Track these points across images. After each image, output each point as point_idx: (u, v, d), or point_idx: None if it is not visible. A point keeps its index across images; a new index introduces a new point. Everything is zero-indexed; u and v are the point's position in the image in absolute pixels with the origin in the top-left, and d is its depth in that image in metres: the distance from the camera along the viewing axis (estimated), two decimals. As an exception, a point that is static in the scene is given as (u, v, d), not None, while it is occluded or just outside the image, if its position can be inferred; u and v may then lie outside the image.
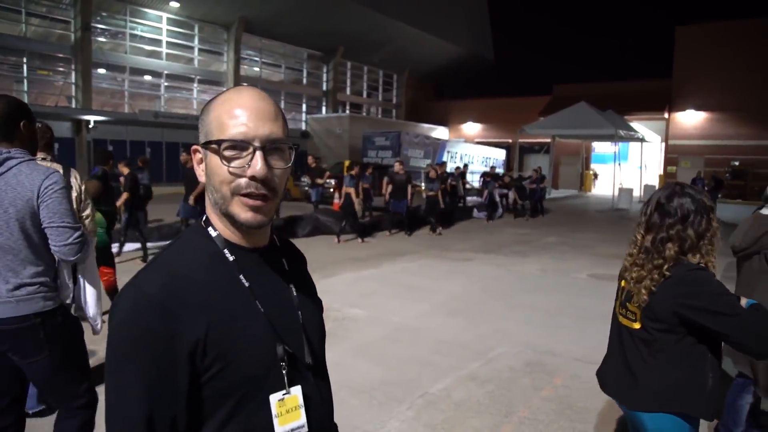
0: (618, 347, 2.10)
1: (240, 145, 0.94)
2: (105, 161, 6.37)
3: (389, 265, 8.97)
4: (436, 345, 5.15)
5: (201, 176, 1.01)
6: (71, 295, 2.42)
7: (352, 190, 11.48)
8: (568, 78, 59.76)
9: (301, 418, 1.00)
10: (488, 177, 16.93)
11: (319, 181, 14.23)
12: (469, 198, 18.68)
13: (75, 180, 3.11)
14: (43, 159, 3.16)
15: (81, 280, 2.55)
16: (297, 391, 1.00)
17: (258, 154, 0.94)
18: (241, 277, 0.98)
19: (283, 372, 0.98)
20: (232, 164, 0.94)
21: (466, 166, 19.67)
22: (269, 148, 0.96)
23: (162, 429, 0.90)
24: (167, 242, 1.05)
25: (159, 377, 0.89)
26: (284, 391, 0.98)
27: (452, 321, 5.94)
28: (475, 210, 16.81)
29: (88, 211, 3.21)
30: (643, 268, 1.94)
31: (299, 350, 1.03)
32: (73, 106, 22.42)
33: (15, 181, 2.17)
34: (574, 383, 4.29)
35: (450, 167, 18.96)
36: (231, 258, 0.99)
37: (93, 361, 2.98)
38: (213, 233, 1.01)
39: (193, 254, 0.99)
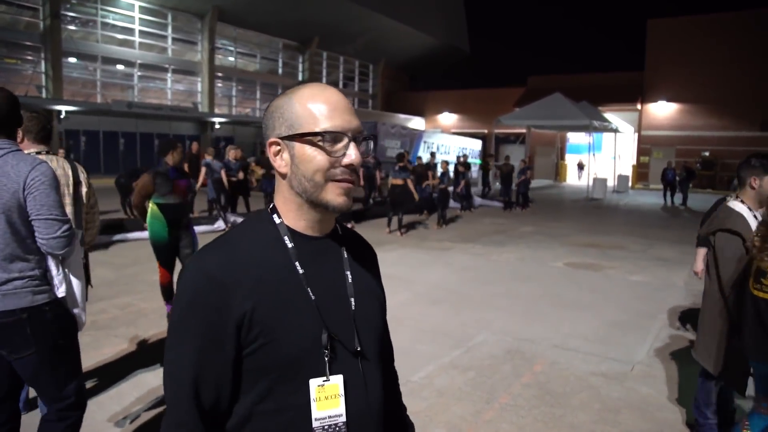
0: (755, 317, 2.50)
1: (336, 137, 1.02)
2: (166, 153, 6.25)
3: (369, 256, 9.00)
4: (418, 334, 5.21)
5: (282, 167, 1.07)
6: (65, 290, 2.35)
7: (406, 181, 11.89)
8: (543, 70, 60.36)
9: (340, 407, 1.02)
10: (463, 167, 16.82)
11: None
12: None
13: (82, 174, 3.11)
14: (38, 153, 3.12)
15: (66, 273, 2.43)
16: (338, 379, 1.03)
17: (352, 144, 1.03)
18: (297, 263, 1.04)
19: (326, 359, 1.01)
20: (332, 153, 1.02)
21: (433, 154, 19.64)
22: (359, 138, 1.05)
23: (206, 390, 0.99)
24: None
25: (209, 344, 0.98)
26: (324, 378, 1.01)
27: (433, 310, 6.01)
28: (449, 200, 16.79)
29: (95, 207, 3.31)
30: None
31: (348, 338, 1.06)
32: (44, 96, 21.91)
33: (0, 172, 2.12)
34: (553, 370, 4.39)
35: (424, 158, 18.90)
36: (290, 244, 1.05)
37: (86, 359, 2.99)
38: (277, 220, 1.08)
39: (255, 237, 1.06)
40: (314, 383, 1.01)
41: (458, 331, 5.30)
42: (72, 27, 23.42)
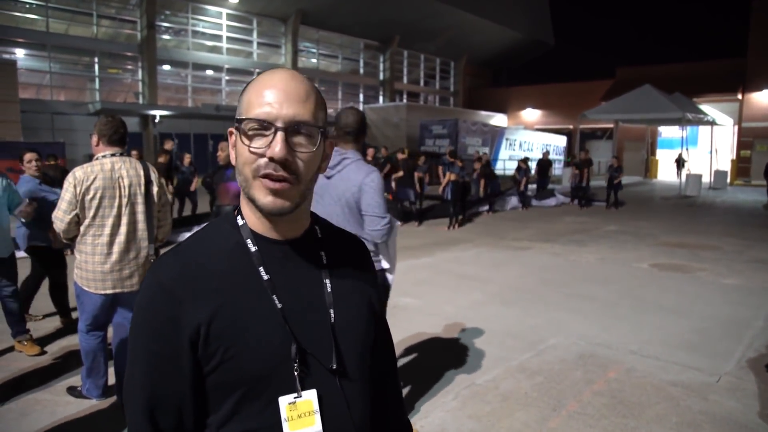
0: None
1: (263, 125, 0.90)
2: None
3: (443, 254, 8.92)
4: (487, 335, 5.09)
5: (232, 158, 0.96)
6: (385, 264, 3.12)
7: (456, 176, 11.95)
8: (632, 60, 57.25)
9: (316, 425, 0.93)
10: (524, 164, 16.29)
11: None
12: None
13: (153, 174, 3.46)
14: (112, 155, 3.35)
15: (386, 252, 3.18)
16: (311, 395, 0.93)
17: (279, 135, 0.89)
18: (261, 269, 0.94)
19: (295, 373, 0.92)
20: (254, 144, 0.91)
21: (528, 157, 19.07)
22: (292, 130, 0.91)
23: (163, 414, 0.92)
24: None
25: (162, 361, 0.91)
26: (296, 394, 0.92)
27: (505, 311, 5.86)
28: (513, 199, 16.09)
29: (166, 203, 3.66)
30: None
31: (323, 351, 0.96)
32: (141, 102, 23.35)
33: (347, 176, 2.88)
34: (628, 377, 4.15)
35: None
36: (253, 248, 0.95)
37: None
38: (240, 222, 0.98)
39: (215, 242, 0.97)
40: (284, 401, 0.92)
41: (529, 334, 5.13)
42: (166, 36, 24.80)
